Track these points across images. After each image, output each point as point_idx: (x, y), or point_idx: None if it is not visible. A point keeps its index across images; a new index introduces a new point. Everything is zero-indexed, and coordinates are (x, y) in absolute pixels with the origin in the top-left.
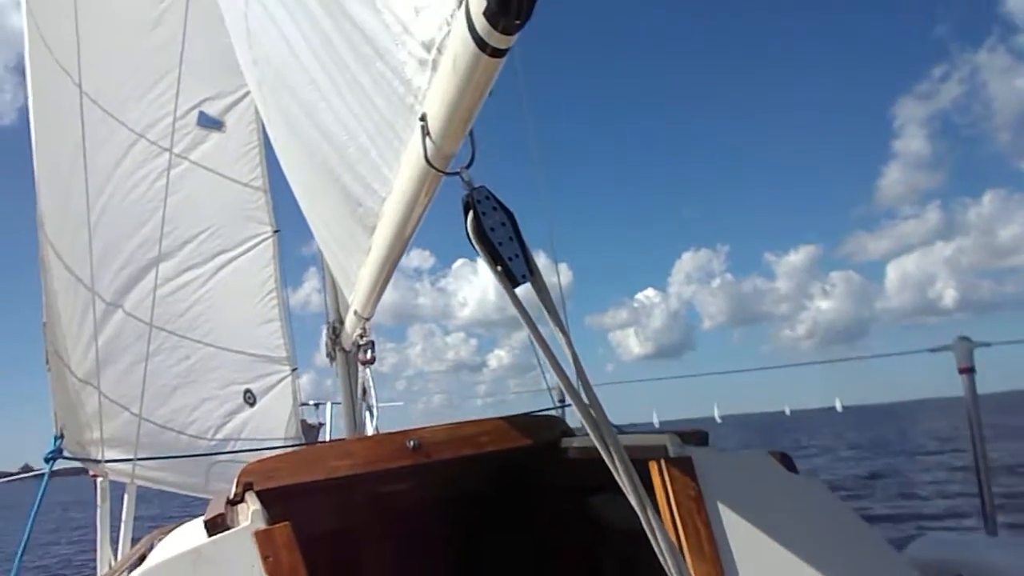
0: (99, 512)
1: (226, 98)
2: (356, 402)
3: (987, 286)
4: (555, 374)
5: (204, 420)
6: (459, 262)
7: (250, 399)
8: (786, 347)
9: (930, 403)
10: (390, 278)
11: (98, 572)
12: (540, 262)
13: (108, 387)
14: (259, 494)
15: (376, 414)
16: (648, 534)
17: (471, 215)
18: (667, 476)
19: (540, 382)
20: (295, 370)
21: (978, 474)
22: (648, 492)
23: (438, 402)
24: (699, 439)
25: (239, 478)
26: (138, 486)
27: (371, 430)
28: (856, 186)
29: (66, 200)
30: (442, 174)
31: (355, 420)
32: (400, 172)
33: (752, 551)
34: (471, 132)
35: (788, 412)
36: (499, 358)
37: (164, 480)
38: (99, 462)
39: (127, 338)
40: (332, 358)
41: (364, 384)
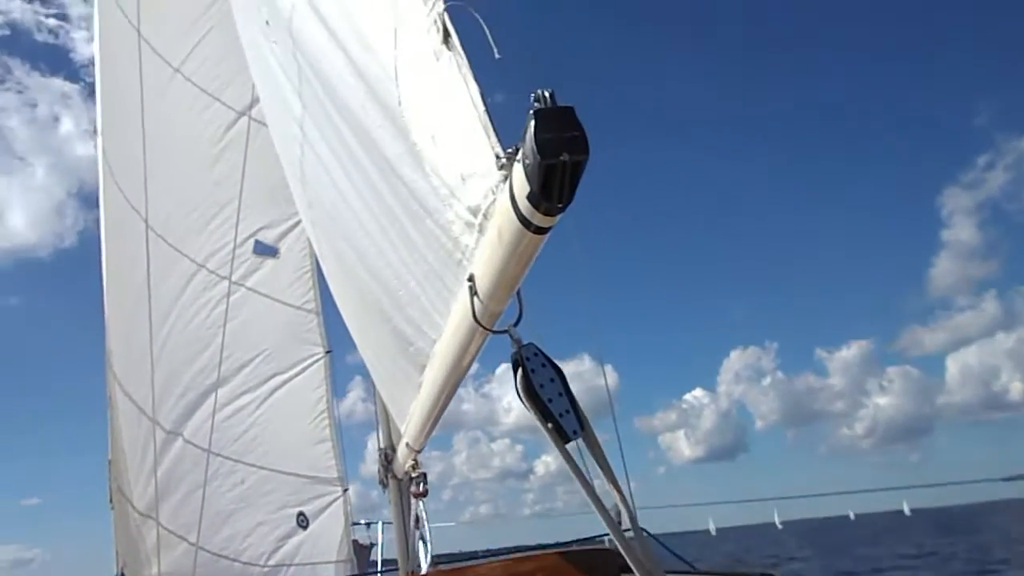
0: None
1: (280, 226)
2: (409, 532)
3: None
4: (611, 532)
5: (258, 545)
6: (502, 367)
7: (303, 522)
8: (845, 447)
9: (1002, 504)
10: (443, 414)
11: None
12: (585, 365)
13: (167, 518)
14: None
15: (430, 547)
16: None
17: (520, 372)
18: None
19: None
20: (347, 490)
21: None
22: None
23: (485, 512)
24: None
25: None
26: None
27: (425, 561)
28: (907, 278)
29: (131, 334)
30: (490, 332)
31: (408, 550)
32: (449, 323)
33: None
34: (518, 291)
35: (853, 516)
36: (546, 464)
37: None
38: None
39: (185, 466)
40: (384, 485)
41: (417, 513)
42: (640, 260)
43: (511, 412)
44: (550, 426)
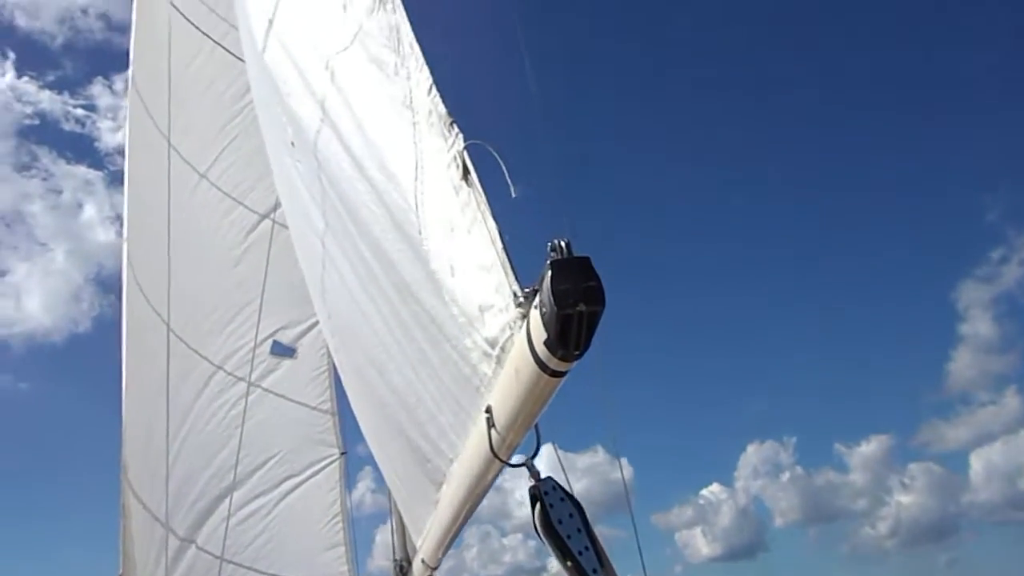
0: None
1: (298, 326)
2: None
3: None
4: None
5: None
6: (515, 458)
7: None
8: (868, 547)
9: None
10: (460, 533)
11: None
12: (600, 457)
13: None
14: None
15: None
16: None
17: (539, 507)
18: None
19: None
20: None
21: None
22: None
23: None
24: None
25: None
26: None
27: None
28: (925, 372)
29: (148, 440)
30: (507, 465)
31: None
32: (466, 449)
33: None
34: (536, 424)
35: None
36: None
37: None
38: None
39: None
40: None
41: None
42: (654, 352)
43: (523, 506)
44: (569, 564)
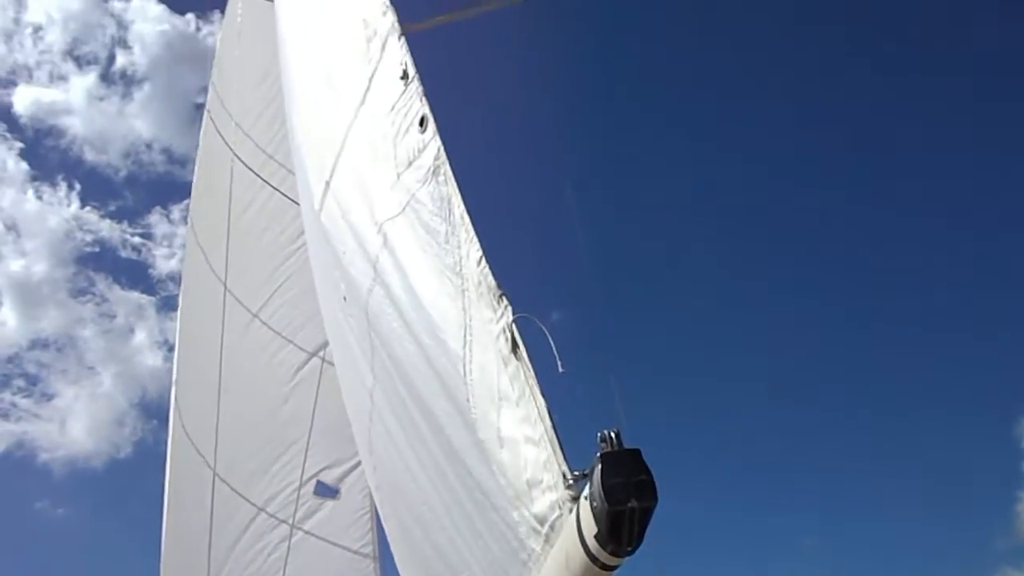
0: None
1: (342, 465)
2: None
3: None
4: None
5: None
6: None
7: None
8: None
9: None
10: None
11: None
12: None
13: None
14: None
15: None
16: None
17: None
18: None
19: None
20: None
21: None
22: None
23: None
24: None
25: None
26: None
27: None
28: (993, 515)
29: None
30: None
31: None
32: None
33: None
34: None
35: None
36: None
37: None
38: None
39: None
40: None
41: None
42: (701, 476)
43: None
44: None
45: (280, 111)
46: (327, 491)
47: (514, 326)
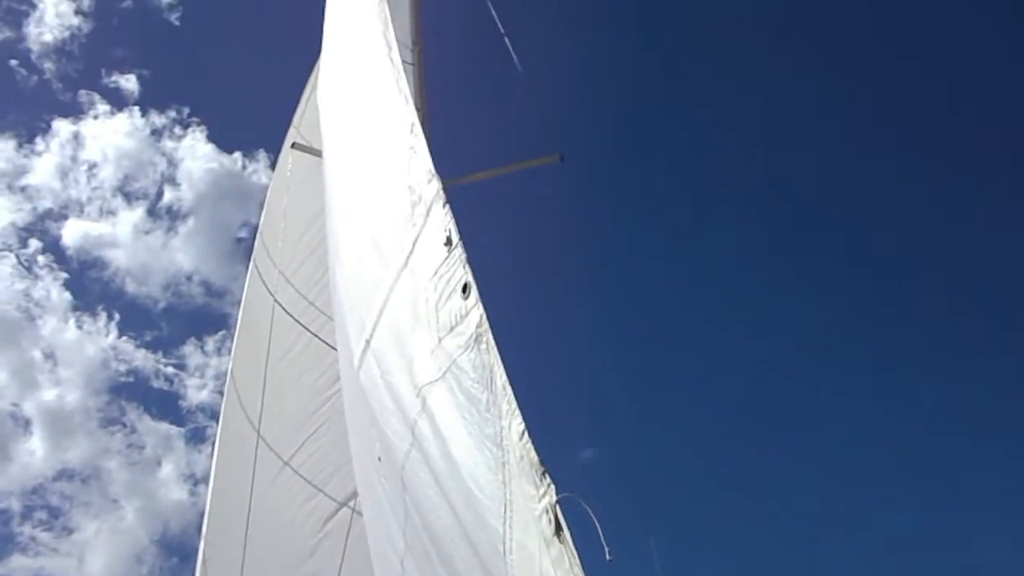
0: None
1: None
2: None
3: None
4: None
5: None
6: None
7: None
8: None
9: None
10: None
11: None
12: None
13: None
14: None
15: None
16: None
17: None
18: None
19: None
20: None
21: None
22: None
23: None
24: None
25: None
26: None
27: None
28: None
29: None
30: None
31: None
32: None
33: None
34: None
35: None
36: None
37: None
38: None
39: None
40: None
41: None
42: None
43: None
44: None
45: (322, 259)
46: None
47: (558, 507)
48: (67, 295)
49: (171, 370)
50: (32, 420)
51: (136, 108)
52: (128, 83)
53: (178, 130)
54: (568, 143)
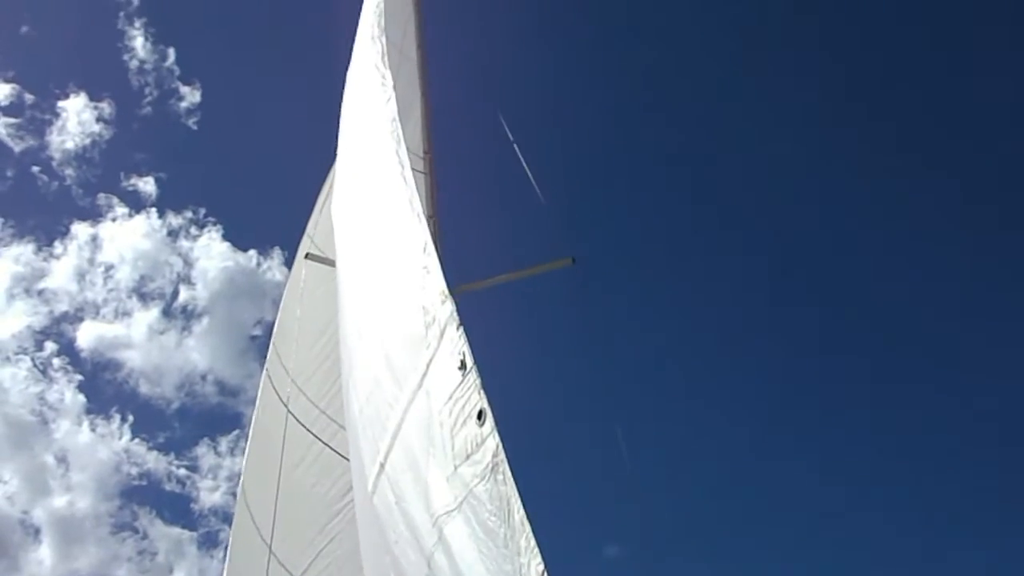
0: None
1: None
2: None
3: None
4: None
5: None
6: None
7: None
8: None
9: None
10: None
11: None
12: None
13: None
14: None
15: None
16: None
17: None
18: None
19: None
20: None
21: None
22: None
23: None
24: None
25: None
26: None
27: None
28: None
29: None
30: None
31: None
32: None
33: None
34: None
35: None
36: None
37: None
38: None
39: None
40: None
41: None
42: None
43: None
44: None
45: (335, 367)
46: None
47: None
48: (81, 397)
49: (184, 472)
50: (41, 528)
51: (153, 209)
52: (146, 185)
53: (194, 230)
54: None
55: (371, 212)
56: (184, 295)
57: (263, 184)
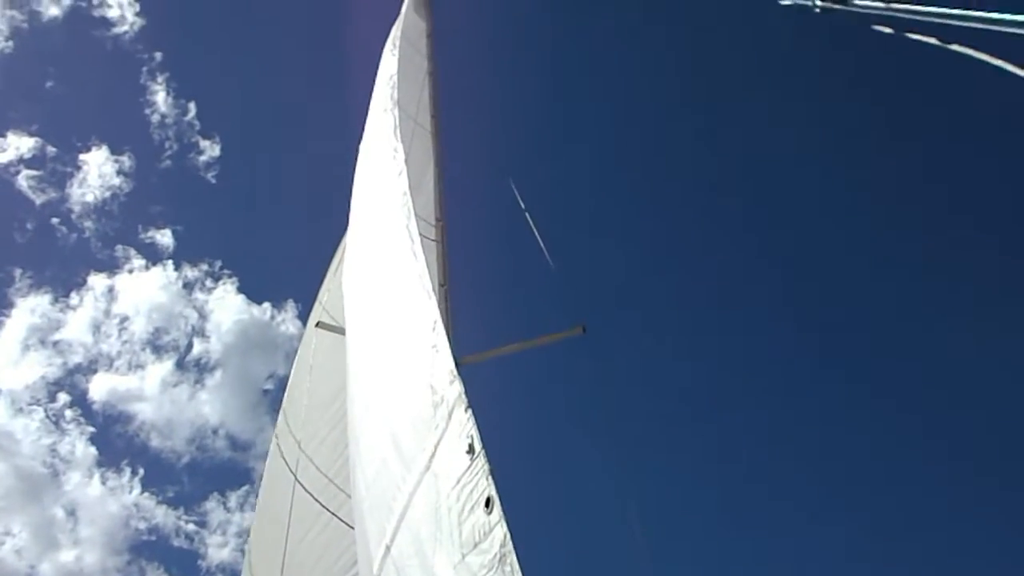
0: None
1: None
2: None
3: None
4: None
5: None
6: None
7: None
8: None
9: None
10: None
11: None
12: None
13: None
14: None
15: None
16: None
17: None
18: None
19: None
20: None
21: None
22: None
23: None
24: None
25: None
26: None
27: None
28: None
29: None
30: None
31: None
32: None
33: None
34: None
35: None
36: None
37: None
38: None
39: None
40: None
41: None
42: None
43: None
44: None
45: (343, 436)
46: None
47: None
48: (92, 450)
49: (192, 527)
50: None
51: (170, 262)
52: (163, 238)
53: (209, 282)
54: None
55: (381, 286)
56: (198, 348)
57: (279, 238)
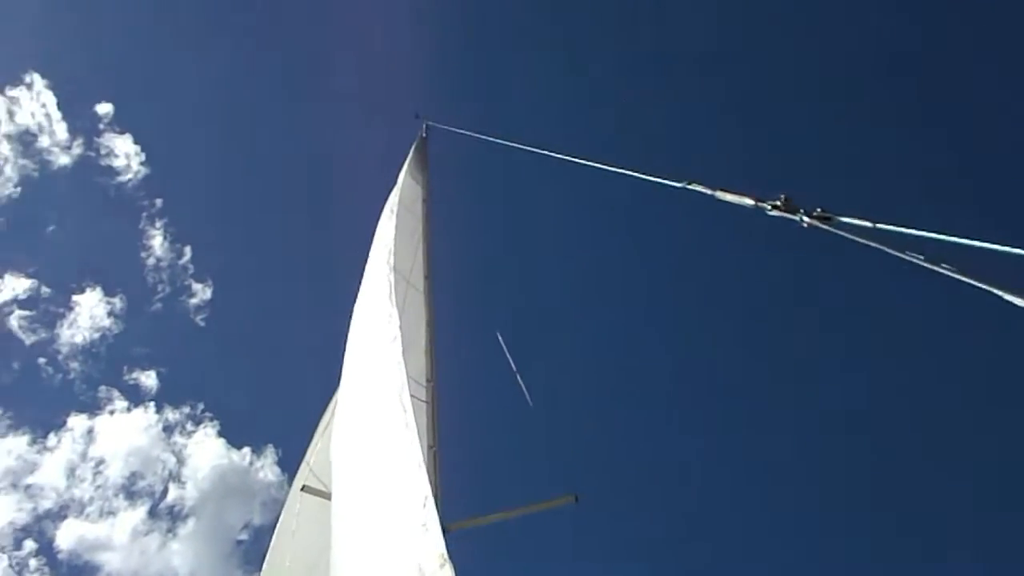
0: None
1: None
2: None
3: None
4: None
5: None
6: None
7: None
8: None
9: None
10: None
11: None
12: None
13: None
14: None
15: None
16: None
17: None
18: None
19: None
20: None
21: None
22: None
23: None
24: None
25: None
26: None
27: None
28: None
29: None
30: None
31: None
32: None
33: None
34: None
35: None
36: None
37: None
38: None
39: None
40: None
41: None
42: None
43: None
44: None
45: None
46: None
47: None
48: None
49: None
50: None
51: (152, 404)
52: (147, 379)
53: (190, 425)
54: (583, 479)
55: (371, 456)
56: (173, 494)
57: (263, 382)
